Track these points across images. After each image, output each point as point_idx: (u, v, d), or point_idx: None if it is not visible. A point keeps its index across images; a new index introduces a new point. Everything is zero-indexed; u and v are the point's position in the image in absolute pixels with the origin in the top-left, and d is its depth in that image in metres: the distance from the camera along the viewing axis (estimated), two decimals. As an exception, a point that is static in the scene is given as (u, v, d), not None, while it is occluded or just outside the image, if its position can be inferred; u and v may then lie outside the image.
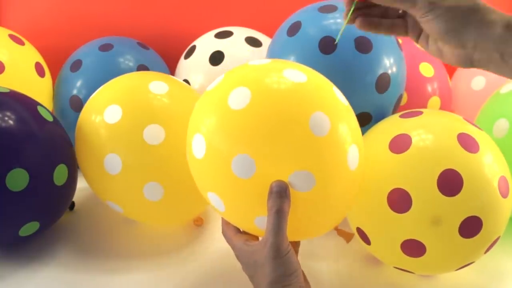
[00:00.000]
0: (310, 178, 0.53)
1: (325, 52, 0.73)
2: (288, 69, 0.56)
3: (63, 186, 0.74)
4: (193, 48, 0.98)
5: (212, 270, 0.73)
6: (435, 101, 0.95)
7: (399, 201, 0.62)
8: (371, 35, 0.74)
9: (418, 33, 0.55)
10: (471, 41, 0.49)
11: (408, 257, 0.64)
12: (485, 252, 0.64)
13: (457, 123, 0.66)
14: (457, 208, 0.60)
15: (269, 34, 1.02)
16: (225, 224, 0.60)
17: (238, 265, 0.58)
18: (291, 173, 0.53)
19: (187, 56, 0.98)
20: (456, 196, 0.60)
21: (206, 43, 0.96)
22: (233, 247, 0.58)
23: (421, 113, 0.68)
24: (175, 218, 0.80)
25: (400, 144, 0.64)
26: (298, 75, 0.56)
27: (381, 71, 0.74)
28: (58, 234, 0.81)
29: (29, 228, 0.72)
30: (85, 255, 0.77)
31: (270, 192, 0.52)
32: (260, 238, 0.56)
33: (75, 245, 0.79)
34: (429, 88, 0.95)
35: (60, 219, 0.80)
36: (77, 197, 0.84)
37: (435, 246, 0.62)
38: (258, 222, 0.56)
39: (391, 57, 0.76)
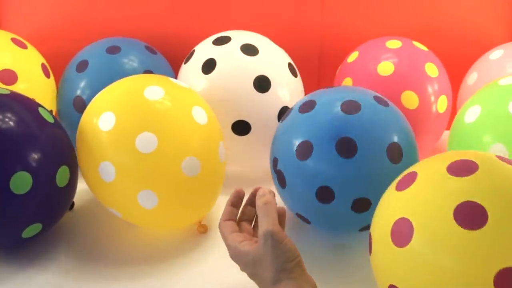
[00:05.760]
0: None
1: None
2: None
3: (65, 188, 0.74)
4: (192, 53, 0.98)
5: (214, 276, 0.73)
6: (443, 100, 0.98)
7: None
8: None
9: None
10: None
11: None
12: None
13: None
14: None
15: (277, 36, 1.00)
16: (222, 221, 0.63)
17: (240, 272, 0.59)
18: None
19: (187, 60, 0.98)
20: None
21: (204, 49, 0.96)
22: (227, 246, 0.60)
23: (476, 167, 0.53)
24: (172, 225, 0.80)
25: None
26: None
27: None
28: (59, 236, 0.80)
29: (32, 230, 0.72)
30: (86, 259, 0.76)
31: (257, 196, 0.60)
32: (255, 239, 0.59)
33: (75, 248, 0.78)
34: (437, 88, 0.97)
35: (60, 221, 0.79)
36: (78, 199, 0.83)
37: None
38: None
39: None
